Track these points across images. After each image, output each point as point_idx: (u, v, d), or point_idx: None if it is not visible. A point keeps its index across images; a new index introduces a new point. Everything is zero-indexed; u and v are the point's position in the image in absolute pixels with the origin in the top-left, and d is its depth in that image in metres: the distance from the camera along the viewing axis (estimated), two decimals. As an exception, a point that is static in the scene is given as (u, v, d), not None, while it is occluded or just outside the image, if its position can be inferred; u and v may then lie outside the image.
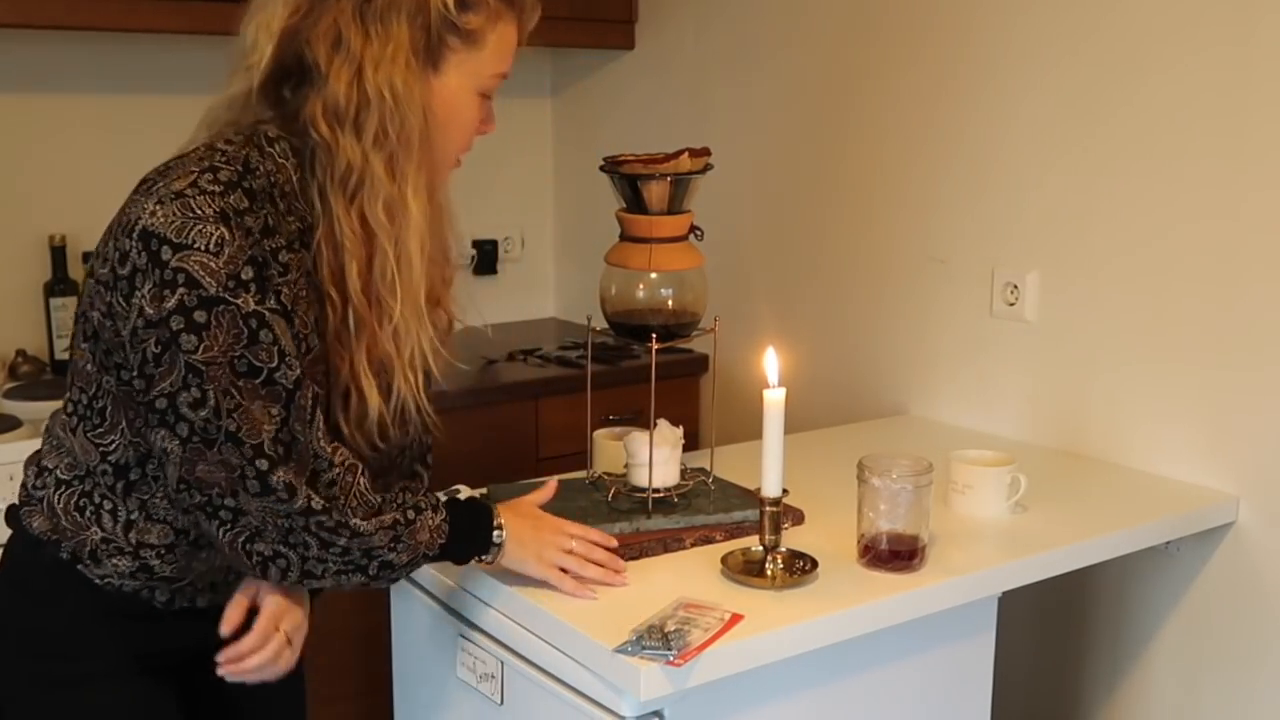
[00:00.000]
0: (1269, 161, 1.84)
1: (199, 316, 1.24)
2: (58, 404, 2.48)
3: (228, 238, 1.26)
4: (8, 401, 2.43)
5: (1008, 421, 2.25)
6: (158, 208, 1.27)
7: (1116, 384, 2.08)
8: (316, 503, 1.31)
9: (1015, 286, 2.22)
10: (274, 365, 1.28)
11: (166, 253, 1.24)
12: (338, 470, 1.34)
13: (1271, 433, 1.88)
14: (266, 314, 1.27)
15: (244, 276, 1.26)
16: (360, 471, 1.37)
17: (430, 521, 1.40)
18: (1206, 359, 1.95)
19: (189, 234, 1.25)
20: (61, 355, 2.66)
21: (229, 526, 1.32)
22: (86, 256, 2.68)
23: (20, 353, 2.63)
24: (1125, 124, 2.02)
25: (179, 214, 1.26)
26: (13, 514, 1.49)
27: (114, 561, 1.40)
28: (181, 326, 1.24)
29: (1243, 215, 1.88)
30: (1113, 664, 2.14)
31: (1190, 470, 1.98)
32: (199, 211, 1.26)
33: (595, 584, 1.50)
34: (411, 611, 1.78)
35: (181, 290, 1.24)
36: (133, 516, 1.39)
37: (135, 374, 1.29)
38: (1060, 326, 2.16)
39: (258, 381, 1.27)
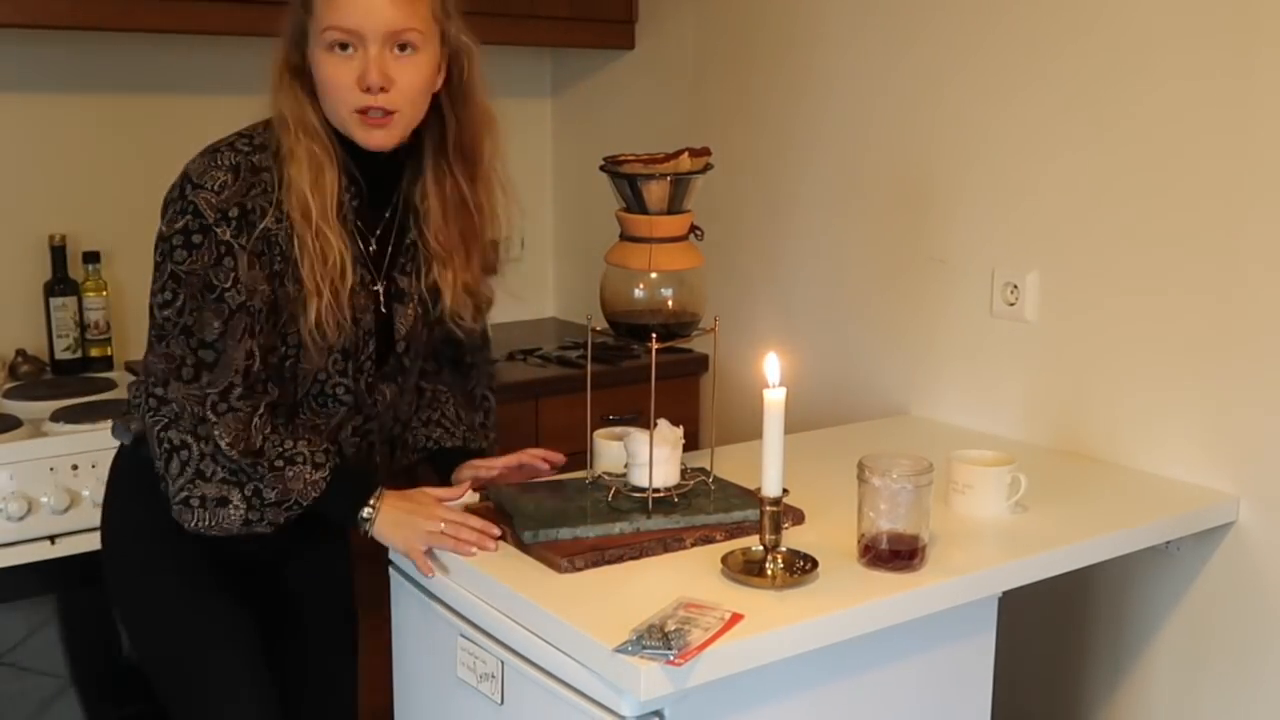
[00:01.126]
0: (1270, 161, 1.84)
1: (195, 239, 1.61)
2: (57, 404, 2.49)
3: (229, 183, 1.61)
4: (8, 401, 2.43)
5: (1008, 421, 2.25)
6: (197, 157, 1.65)
7: (1116, 384, 2.08)
8: (218, 406, 1.62)
9: (1015, 286, 2.22)
10: (227, 286, 1.61)
11: (188, 189, 1.62)
12: (240, 397, 1.63)
13: (1271, 433, 1.88)
14: (236, 246, 1.61)
15: (230, 214, 1.61)
16: (261, 412, 1.64)
17: (307, 475, 1.65)
18: (1207, 359, 1.95)
19: (206, 176, 1.62)
20: (62, 355, 2.66)
21: (153, 413, 1.66)
22: (86, 256, 2.68)
23: (20, 353, 2.63)
24: (1126, 124, 2.02)
25: (205, 162, 1.63)
26: (116, 426, 1.83)
27: None
28: (180, 243, 1.62)
29: (1243, 215, 1.88)
30: (1113, 664, 2.14)
31: (1190, 470, 1.98)
32: (219, 162, 1.63)
33: (468, 545, 1.63)
34: (411, 611, 1.78)
35: (186, 218, 1.62)
36: None
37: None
38: (1060, 326, 2.16)
39: (212, 296, 1.61)
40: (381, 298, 1.76)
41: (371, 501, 1.67)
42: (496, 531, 1.65)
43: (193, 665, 1.78)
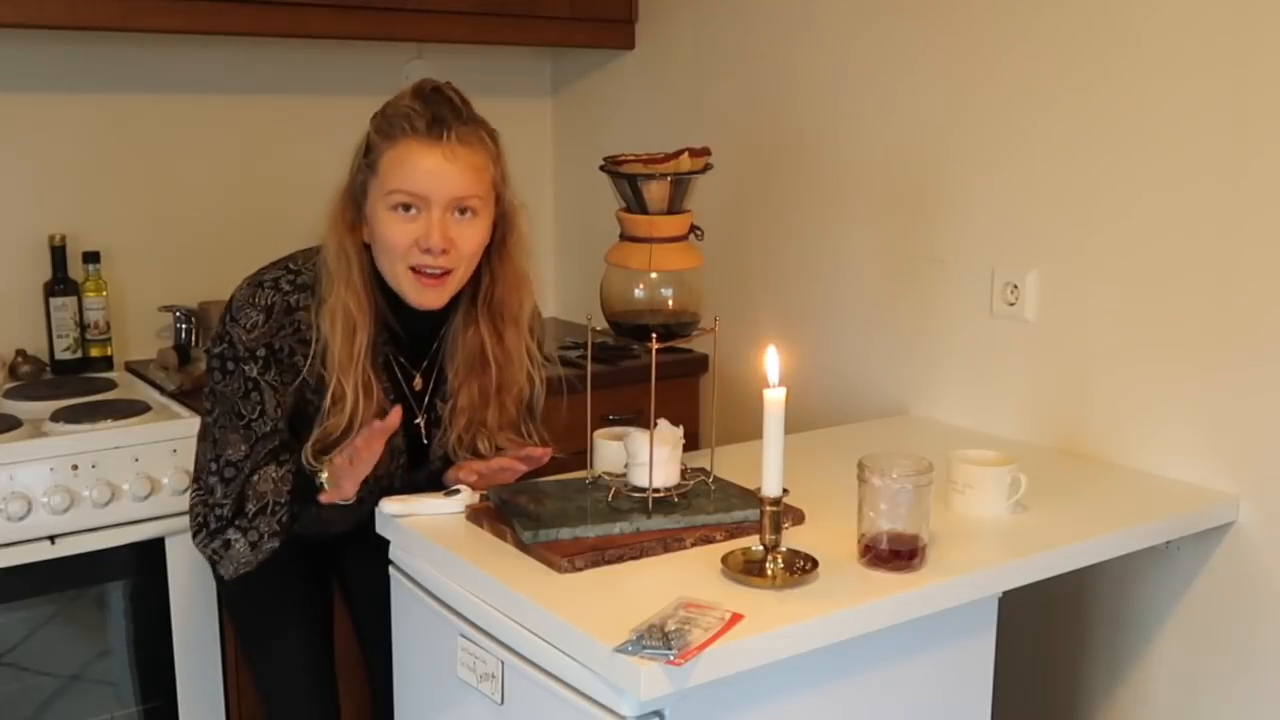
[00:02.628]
0: (1270, 161, 1.84)
1: (229, 365, 1.78)
2: (57, 404, 2.50)
3: (260, 324, 1.76)
4: (8, 401, 2.43)
5: (1008, 421, 2.25)
6: (243, 284, 1.81)
7: (1117, 384, 2.08)
8: (221, 512, 1.80)
9: (1015, 286, 2.22)
10: (254, 416, 1.78)
11: (228, 319, 1.78)
12: (252, 505, 1.79)
13: (1271, 433, 1.88)
14: (263, 382, 1.77)
15: (259, 354, 1.77)
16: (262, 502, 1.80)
17: (272, 474, 1.79)
18: (1207, 359, 1.95)
19: (243, 312, 1.77)
20: (62, 355, 2.66)
21: (198, 490, 1.84)
22: (86, 256, 2.68)
23: (20, 353, 2.63)
24: (1126, 123, 2.02)
25: (246, 297, 1.78)
26: None
27: None
28: (218, 366, 1.79)
29: (1244, 215, 1.88)
30: (1112, 664, 2.14)
31: (1190, 470, 1.98)
32: (255, 301, 1.78)
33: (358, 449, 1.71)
34: (411, 611, 1.78)
35: (224, 345, 1.78)
36: None
37: None
38: (1060, 326, 2.16)
39: (240, 423, 1.78)
40: (422, 429, 1.89)
41: (321, 466, 1.78)
42: (380, 425, 1.71)
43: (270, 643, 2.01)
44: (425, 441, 1.90)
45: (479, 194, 1.75)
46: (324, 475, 1.78)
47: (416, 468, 1.91)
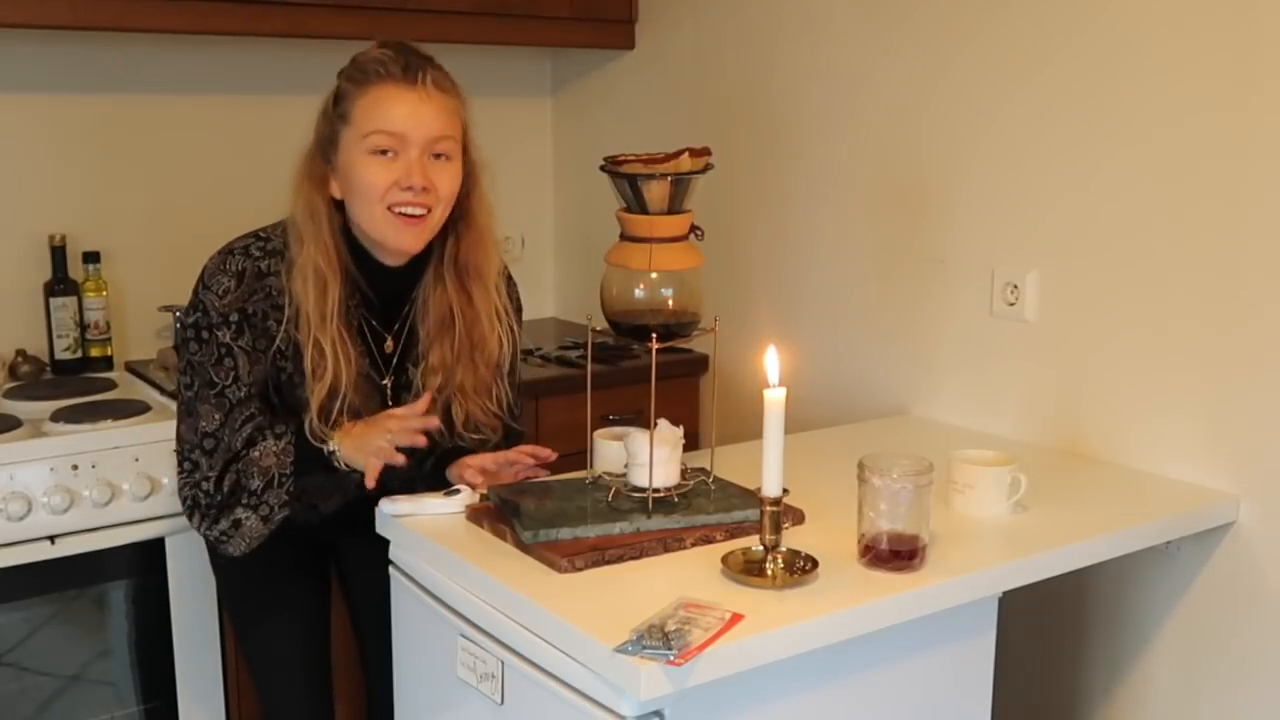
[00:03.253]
0: (1270, 161, 1.84)
1: (204, 335, 1.79)
2: (57, 404, 2.50)
3: (232, 289, 1.79)
4: (8, 401, 2.42)
5: (1008, 421, 2.25)
6: (214, 255, 1.82)
7: (1117, 384, 2.08)
8: (205, 486, 1.79)
9: (1015, 286, 2.22)
10: (228, 383, 1.79)
11: (200, 288, 1.81)
12: (241, 464, 1.79)
13: (1271, 433, 1.88)
14: (236, 348, 1.79)
15: (232, 319, 1.79)
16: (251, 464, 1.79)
17: (272, 447, 1.79)
18: (1207, 359, 1.95)
19: (214, 279, 1.80)
20: (62, 355, 2.66)
21: (180, 470, 1.83)
22: (86, 256, 2.68)
23: (20, 353, 2.63)
24: (1126, 124, 2.02)
25: (217, 264, 1.81)
26: None
27: None
28: (192, 336, 1.80)
29: (1243, 214, 1.88)
30: (1112, 664, 2.14)
31: (1190, 470, 1.98)
32: (226, 267, 1.80)
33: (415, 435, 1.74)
34: (411, 611, 1.78)
35: (197, 314, 1.80)
36: None
37: None
38: (1060, 326, 2.16)
39: (213, 391, 1.79)
40: (389, 391, 1.90)
41: (331, 437, 1.79)
42: (435, 423, 1.79)
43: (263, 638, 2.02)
44: (391, 404, 1.90)
45: (453, 135, 1.80)
46: (334, 445, 1.79)
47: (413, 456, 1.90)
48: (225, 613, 2.33)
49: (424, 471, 1.87)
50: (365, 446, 1.77)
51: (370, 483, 1.75)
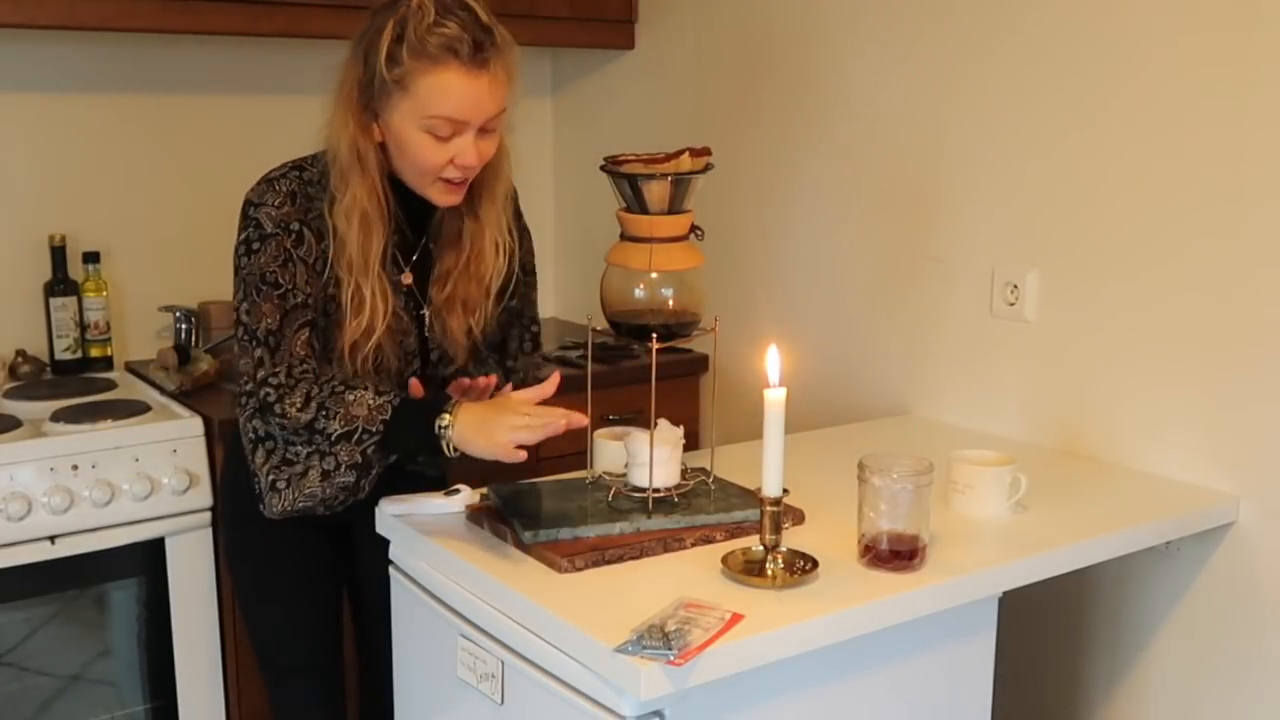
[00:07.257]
0: (1270, 161, 1.84)
1: (255, 245, 1.74)
2: (57, 404, 2.49)
3: (288, 203, 1.75)
4: (8, 401, 2.43)
5: (1008, 421, 2.25)
6: (255, 185, 1.78)
7: (1116, 383, 2.08)
8: (284, 384, 1.73)
9: (1015, 286, 2.22)
10: (290, 285, 1.74)
11: (250, 209, 1.76)
12: (302, 372, 1.73)
13: (1271, 433, 1.88)
14: (295, 255, 1.74)
15: (292, 228, 1.75)
16: (318, 378, 1.73)
17: (368, 400, 1.70)
18: (1207, 359, 1.95)
19: (265, 196, 1.76)
20: (61, 355, 2.66)
21: (241, 407, 1.86)
22: (86, 256, 2.68)
23: (20, 353, 2.63)
24: (1126, 123, 2.02)
25: (263, 188, 1.77)
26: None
27: None
28: (244, 252, 1.75)
29: (1243, 215, 1.88)
30: (1112, 664, 2.14)
31: (1190, 470, 1.98)
32: (276, 188, 1.76)
33: (557, 426, 1.63)
34: (411, 611, 1.78)
35: (250, 229, 1.75)
36: None
37: None
38: (1060, 326, 2.16)
39: (275, 291, 1.73)
40: (428, 320, 1.87)
41: (447, 409, 1.67)
42: (584, 419, 1.66)
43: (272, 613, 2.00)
44: (425, 335, 1.87)
45: (504, 108, 1.78)
46: (447, 421, 1.66)
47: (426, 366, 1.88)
48: (239, 613, 2.30)
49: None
50: (492, 422, 1.64)
51: (519, 458, 1.62)
